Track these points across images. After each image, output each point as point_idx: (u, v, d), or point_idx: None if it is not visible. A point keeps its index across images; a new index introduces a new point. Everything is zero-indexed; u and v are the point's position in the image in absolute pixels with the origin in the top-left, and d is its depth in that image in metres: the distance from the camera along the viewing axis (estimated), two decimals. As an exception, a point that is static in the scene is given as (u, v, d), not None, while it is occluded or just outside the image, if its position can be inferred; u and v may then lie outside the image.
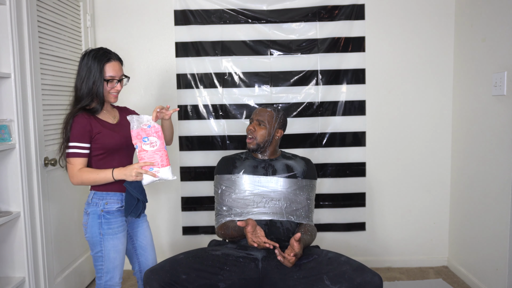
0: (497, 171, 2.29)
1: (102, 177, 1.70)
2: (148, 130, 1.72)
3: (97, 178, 1.70)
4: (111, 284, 1.79)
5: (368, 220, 2.89)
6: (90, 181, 1.70)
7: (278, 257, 1.71)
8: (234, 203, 2.01)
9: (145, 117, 1.74)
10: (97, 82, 1.72)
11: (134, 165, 1.70)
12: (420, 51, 2.78)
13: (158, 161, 1.71)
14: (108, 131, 1.75)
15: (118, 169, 1.71)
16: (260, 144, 2.03)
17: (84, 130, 1.69)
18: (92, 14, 2.71)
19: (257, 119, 2.04)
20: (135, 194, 1.75)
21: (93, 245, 1.76)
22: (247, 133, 2.05)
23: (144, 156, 1.71)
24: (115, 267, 1.77)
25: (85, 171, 1.70)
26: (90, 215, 1.75)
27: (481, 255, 2.48)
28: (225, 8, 2.75)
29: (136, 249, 1.92)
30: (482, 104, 2.43)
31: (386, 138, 2.85)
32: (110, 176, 1.70)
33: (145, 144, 1.71)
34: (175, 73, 2.80)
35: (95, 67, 1.72)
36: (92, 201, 1.76)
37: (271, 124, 2.03)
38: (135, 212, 1.78)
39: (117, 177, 1.70)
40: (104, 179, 1.70)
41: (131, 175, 1.68)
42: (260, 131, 2.02)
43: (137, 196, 1.75)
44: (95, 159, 1.75)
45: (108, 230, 1.74)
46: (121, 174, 1.70)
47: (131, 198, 1.76)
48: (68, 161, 1.71)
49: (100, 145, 1.73)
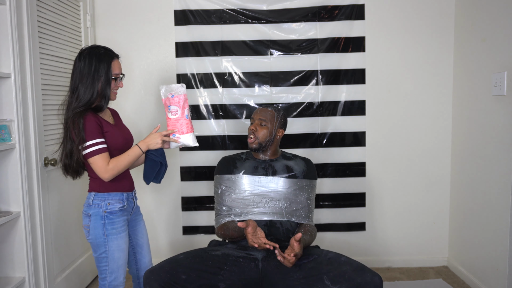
0: (497, 171, 2.29)
1: (133, 157, 1.73)
2: (171, 100, 1.78)
3: (130, 160, 1.73)
4: (115, 284, 1.78)
5: (368, 220, 2.89)
6: (124, 166, 1.73)
7: (278, 257, 1.70)
8: (234, 203, 2.01)
9: (173, 86, 1.80)
10: (105, 81, 1.71)
11: (157, 133, 1.75)
12: (420, 51, 2.78)
13: (179, 129, 1.79)
14: (113, 131, 1.76)
15: (142, 141, 1.75)
16: (262, 143, 2.03)
17: (98, 126, 1.69)
18: (92, 14, 2.71)
19: (258, 118, 2.04)
20: (158, 158, 1.82)
21: (97, 246, 1.74)
22: (248, 133, 2.05)
23: (169, 123, 1.80)
24: (119, 267, 1.77)
25: (114, 160, 1.70)
26: (92, 217, 1.73)
27: (481, 255, 2.48)
28: (225, 8, 2.75)
29: (134, 247, 1.93)
30: (482, 104, 2.43)
31: (386, 138, 2.85)
32: (139, 151, 1.74)
33: (169, 112, 1.79)
34: (175, 73, 2.80)
35: (102, 67, 1.71)
36: (94, 203, 1.74)
37: (272, 124, 2.03)
38: (157, 178, 1.86)
39: (144, 149, 1.75)
40: (135, 155, 1.73)
41: (157, 143, 1.74)
42: (262, 130, 2.02)
43: (160, 160, 1.83)
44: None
45: (112, 231, 1.73)
46: (147, 145, 1.75)
47: (154, 164, 1.83)
48: (92, 160, 1.66)
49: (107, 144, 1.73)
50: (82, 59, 1.71)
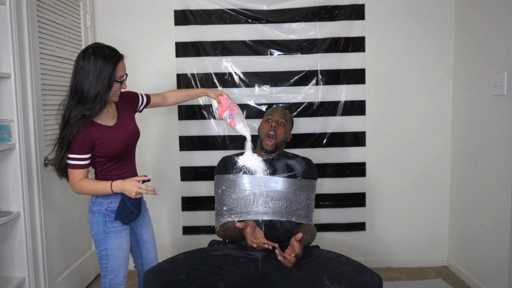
0: (497, 171, 2.29)
1: (101, 190, 1.69)
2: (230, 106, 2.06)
3: (96, 190, 1.69)
4: (115, 283, 1.80)
5: (368, 220, 2.89)
6: (89, 192, 1.70)
7: (279, 257, 1.70)
8: (234, 203, 2.01)
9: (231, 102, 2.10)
10: (107, 84, 1.63)
11: (133, 184, 1.67)
12: (420, 51, 2.78)
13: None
14: (110, 140, 1.71)
15: (117, 182, 1.69)
16: (278, 144, 2.03)
17: (82, 143, 1.65)
18: (92, 14, 2.71)
19: (280, 116, 2.05)
20: (130, 206, 1.74)
21: (98, 243, 1.77)
22: (265, 133, 2.02)
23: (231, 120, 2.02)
24: (119, 266, 1.78)
25: (84, 182, 1.69)
26: (95, 214, 1.75)
27: (481, 255, 2.48)
28: (225, 8, 2.75)
29: (139, 242, 1.94)
30: (482, 104, 2.43)
31: (386, 138, 2.85)
32: (109, 188, 1.69)
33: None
34: (175, 73, 2.80)
35: (107, 69, 1.63)
36: (97, 200, 1.76)
37: (288, 125, 2.08)
38: (124, 220, 1.76)
39: (116, 191, 1.69)
40: (103, 191, 1.69)
41: (130, 193, 1.68)
42: (281, 130, 2.03)
43: (131, 208, 1.75)
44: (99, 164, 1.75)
45: (112, 229, 1.75)
46: (120, 188, 1.69)
47: (125, 208, 1.74)
48: (68, 170, 1.69)
49: (103, 154, 1.71)
50: (86, 58, 1.63)
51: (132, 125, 1.84)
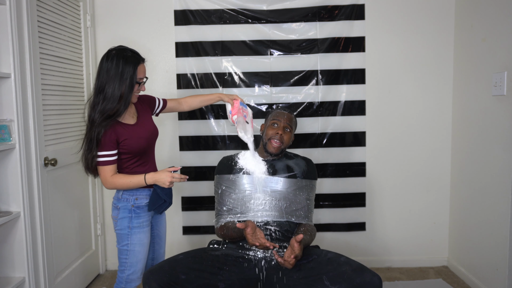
0: (497, 171, 2.29)
1: (134, 183, 1.78)
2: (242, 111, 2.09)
3: (130, 184, 1.78)
4: (132, 278, 1.86)
5: (368, 220, 2.89)
6: (123, 186, 1.78)
7: (278, 259, 1.71)
8: (234, 203, 2.01)
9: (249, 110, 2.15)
10: (129, 85, 1.73)
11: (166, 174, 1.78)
12: (420, 51, 2.78)
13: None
14: (132, 135, 1.79)
15: (150, 174, 1.80)
16: (283, 149, 2.07)
17: (110, 140, 1.73)
18: (92, 14, 2.71)
19: (286, 123, 2.05)
20: (163, 196, 1.84)
21: (121, 238, 1.83)
22: (271, 137, 2.03)
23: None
24: (138, 261, 1.84)
25: (117, 177, 1.77)
26: (120, 210, 1.82)
27: (481, 255, 2.48)
28: (225, 8, 2.75)
29: (154, 237, 2.00)
30: (482, 104, 2.43)
31: (386, 138, 2.85)
32: (143, 181, 1.78)
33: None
34: (175, 73, 2.80)
35: (128, 70, 1.72)
36: (123, 197, 1.83)
37: (293, 130, 2.10)
38: (158, 210, 1.89)
39: (150, 183, 1.80)
40: (137, 184, 1.79)
41: (164, 184, 1.78)
42: (287, 136, 2.05)
43: (164, 198, 1.85)
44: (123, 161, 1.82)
45: (137, 224, 1.82)
46: (154, 180, 1.79)
47: (158, 198, 1.84)
48: (99, 168, 1.77)
49: (127, 150, 1.79)
50: (109, 59, 1.73)
51: (151, 123, 1.95)
